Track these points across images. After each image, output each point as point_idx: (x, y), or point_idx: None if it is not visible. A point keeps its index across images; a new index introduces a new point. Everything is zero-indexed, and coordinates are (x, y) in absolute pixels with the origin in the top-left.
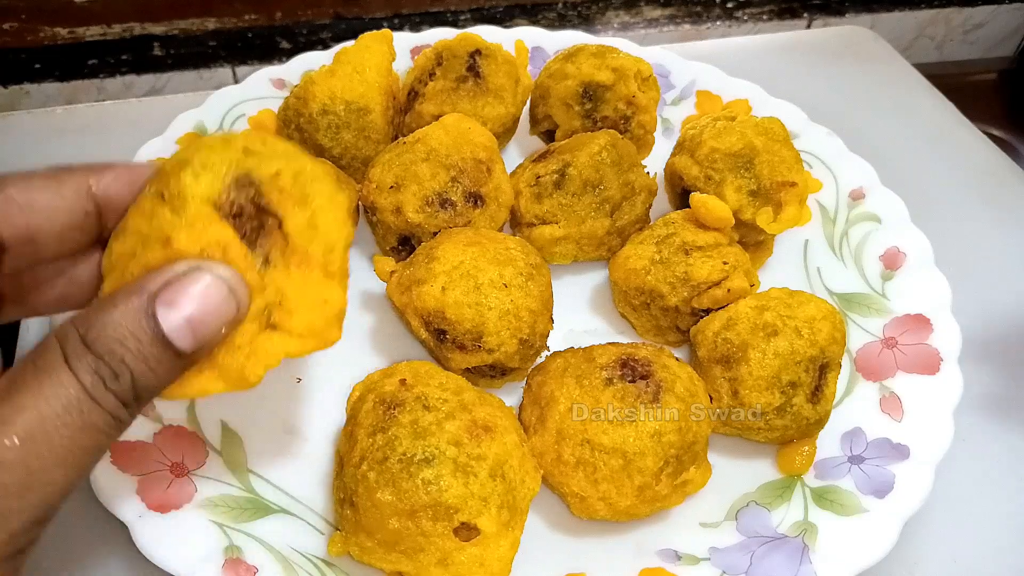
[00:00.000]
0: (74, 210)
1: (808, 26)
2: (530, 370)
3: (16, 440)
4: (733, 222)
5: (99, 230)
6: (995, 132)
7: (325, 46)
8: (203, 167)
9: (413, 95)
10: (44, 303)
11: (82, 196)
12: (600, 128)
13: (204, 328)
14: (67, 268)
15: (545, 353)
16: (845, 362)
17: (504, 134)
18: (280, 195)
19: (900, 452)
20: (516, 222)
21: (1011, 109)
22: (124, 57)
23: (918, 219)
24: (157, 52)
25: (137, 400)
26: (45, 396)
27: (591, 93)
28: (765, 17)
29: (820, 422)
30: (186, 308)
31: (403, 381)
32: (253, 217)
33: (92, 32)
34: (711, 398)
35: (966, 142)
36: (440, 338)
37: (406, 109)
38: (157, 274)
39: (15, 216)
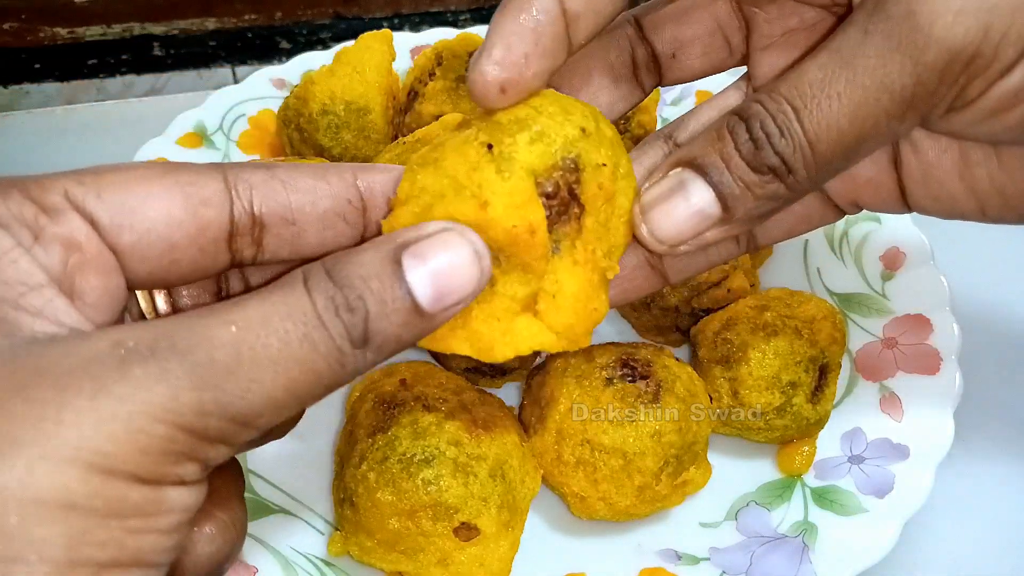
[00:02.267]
0: (337, 196)
1: None
2: (530, 370)
3: (233, 327)
4: None
5: (363, 226)
6: None
7: (325, 46)
8: (540, 136)
9: (413, 95)
10: None
11: (347, 184)
12: None
13: (447, 287)
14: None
15: (545, 353)
16: (845, 362)
17: None
18: (597, 190)
19: (900, 452)
20: None
21: None
22: (124, 57)
23: (918, 219)
24: (157, 52)
25: (365, 341)
26: (272, 301)
27: None
28: None
29: (820, 422)
30: (432, 264)
31: (403, 381)
32: (563, 203)
33: (92, 32)
34: (711, 398)
35: None
36: None
37: (406, 109)
38: (409, 229)
39: (278, 193)
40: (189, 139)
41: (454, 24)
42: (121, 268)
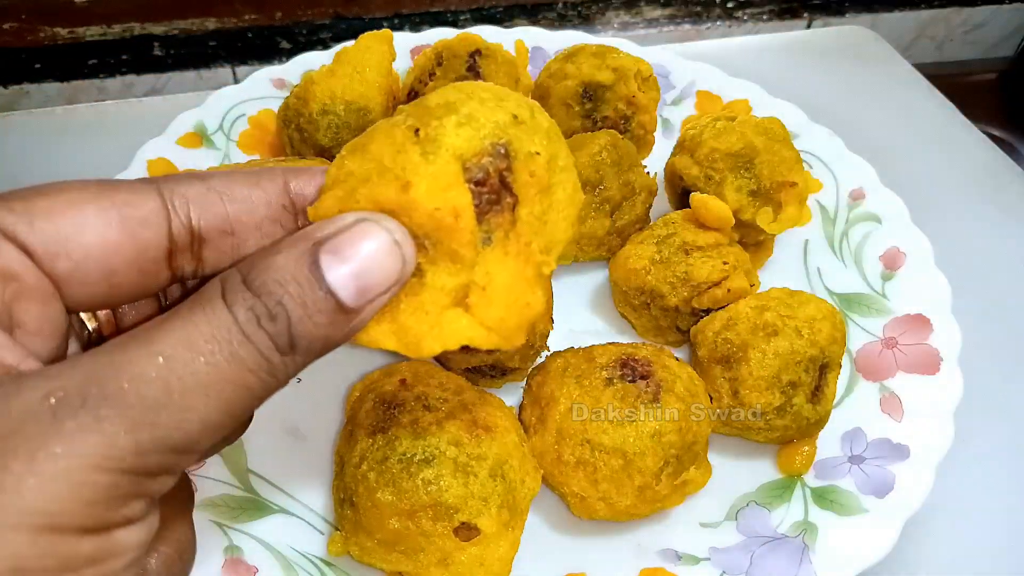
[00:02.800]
0: (272, 203)
1: (808, 26)
2: (530, 370)
3: (160, 358)
4: (733, 222)
5: (296, 230)
6: (995, 132)
7: (325, 46)
8: (468, 119)
9: (413, 95)
10: None
11: (280, 190)
12: (600, 128)
13: (368, 281)
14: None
15: (545, 353)
16: (845, 362)
17: None
18: (529, 178)
19: (900, 452)
20: None
21: (1011, 109)
22: (124, 57)
23: (918, 219)
24: (157, 52)
25: (292, 347)
26: (195, 322)
27: (591, 93)
28: (765, 17)
29: (820, 422)
30: (351, 258)
31: (403, 381)
32: (494, 190)
33: (92, 32)
34: (711, 398)
35: (966, 142)
36: None
37: None
38: (324, 223)
39: (215, 204)
40: (189, 139)
41: (454, 24)
42: (60, 295)
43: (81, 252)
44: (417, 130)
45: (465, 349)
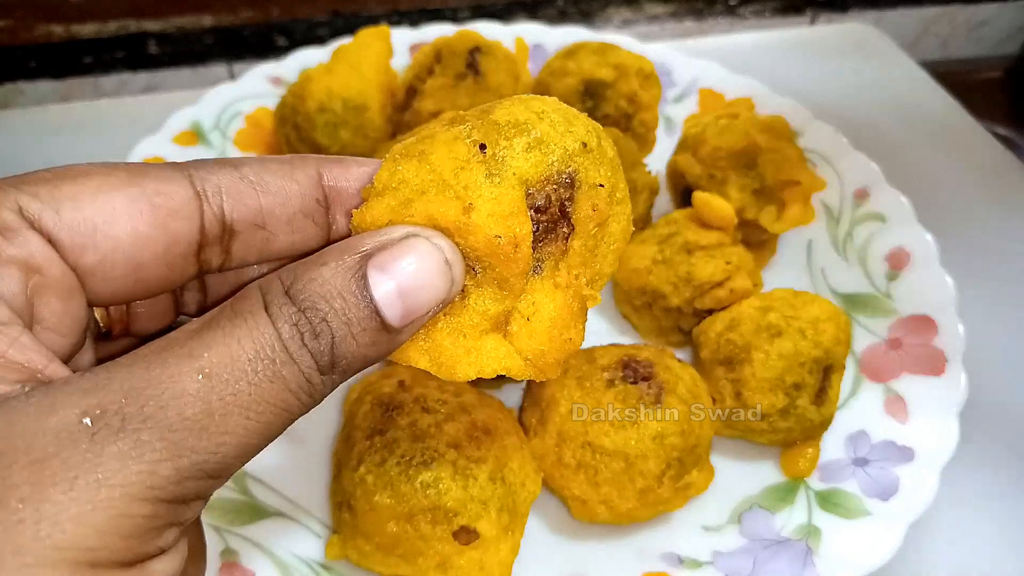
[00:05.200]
0: (306, 196)
1: (811, 23)
2: None
3: (200, 376)
4: (736, 221)
5: (328, 226)
6: (1000, 130)
7: (322, 43)
8: (538, 143)
9: (412, 92)
10: None
11: (314, 183)
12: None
13: (415, 301)
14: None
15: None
16: (849, 363)
17: None
18: (591, 212)
19: (905, 454)
20: None
21: (1016, 107)
22: (119, 55)
23: (923, 218)
24: (153, 49)
25: (332, 367)
26: (238, 337)
27: (592, 91)
28: (768, 14)
29: (824, 424)
30: (399, 276)
31: (402, 382)
32: (553, 220)
33: (87, 30)
34: (714, 400)
35: (971, 140)
36: None
37: (404, 106)
38: (372, 235)
39: (248, 196)
40: (185, 137)
41: (453, 20)
42: (83, 289)
43: (109, 244)
44: (483, 146)
45: (499, 378)
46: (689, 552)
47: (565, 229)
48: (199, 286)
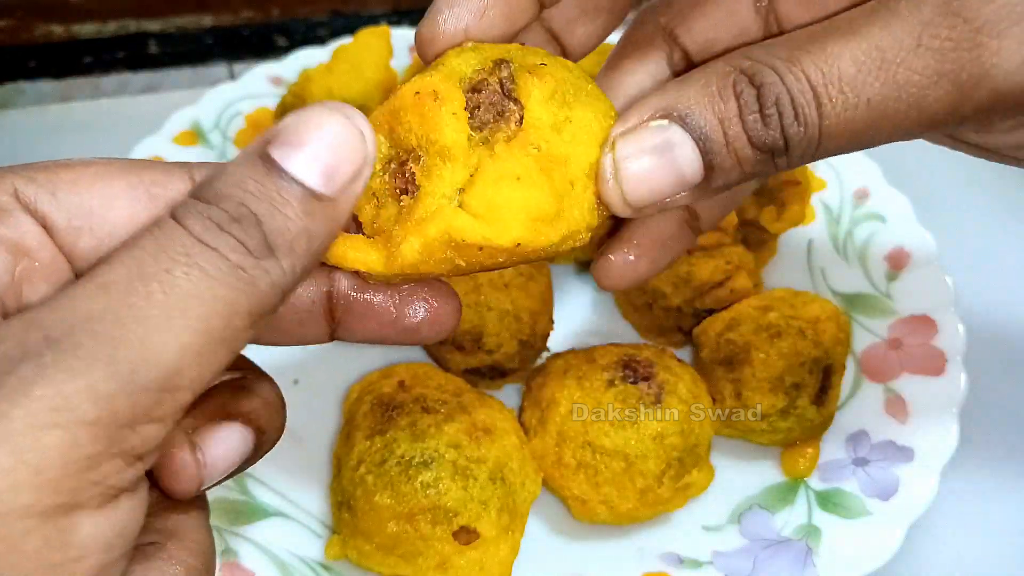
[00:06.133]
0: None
1: None
2: (530, 371)
3: (100, 291)
4: (736, 221)
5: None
6: None
7: (322, 43)
8: (475, 49)
9: None
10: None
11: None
12: None
13: (333, 161)
14: None
15: (545, 354)
16: (849, 363)
17: None
18: (536, 81)
19: (905, 454)
20: None
21: None
22: (119, 54)
23: (923, 218)
24: (153, 49)
25: (270, 248)
26: (141, 246)
27: None
28: None
29: (824, 424)
30: (305, 143)
31: (401, 383)
32: (493, 98)
33: (87, 29)
34: (714, 400)
35: None
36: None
37: None
38: (269, 129)
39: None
40: (185, 137)
41: None
42: (75, 276)
43: (106, 229)
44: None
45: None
46: (689, 552)
47: (514, 107)
48: None
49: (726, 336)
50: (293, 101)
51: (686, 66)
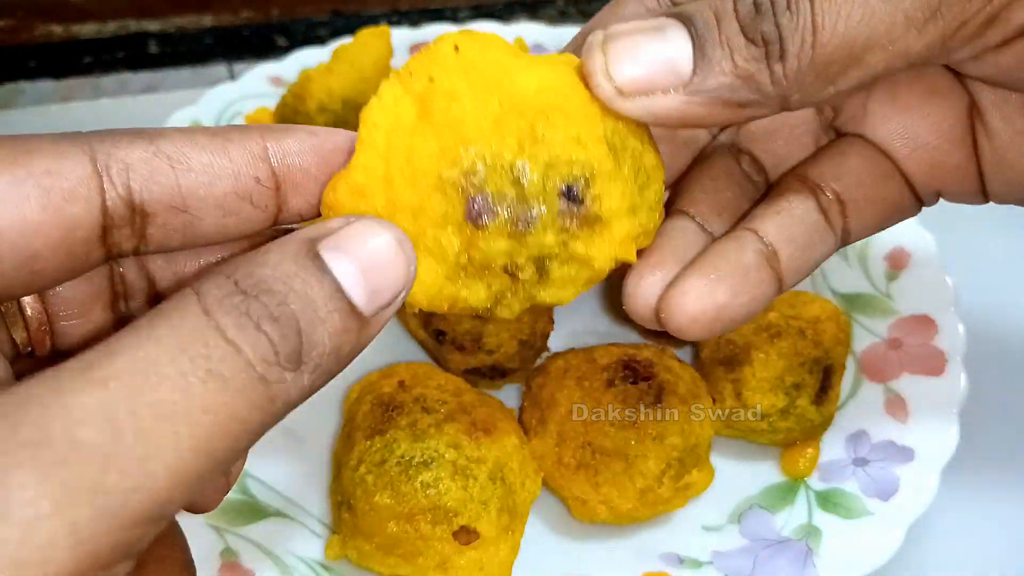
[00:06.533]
0: (241, 175)
1: None
2: (530, 371)
3: (99, 390)
4: None
5: (277, 208)
6: None
7: (322, 43)
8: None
9: None
10: None
11: (253, 159)
12: None
13: (379, 281)
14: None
15: (545, 354)
16: (849, 363)
17: None
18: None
19: (905, 454)
20: None
21: None
22: (119, 55)
23: (923, 218)
24: (153, 49)
25: (300, 360)
26: (156, 337)
27: None
28: None
29: (824, 424)
30: (356, 254)
31: (401, 382)
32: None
33: (87, 29)
34: (714, 400)
35: None
36: (439, 338)
37: None
38: (317, 223)
39: (161, 175)
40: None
41: (454, 20)
42: None
43: None
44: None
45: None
46: (689, 552)
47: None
48: (139, 265)
49: (726, 336)
50: (293, 101)
51: None
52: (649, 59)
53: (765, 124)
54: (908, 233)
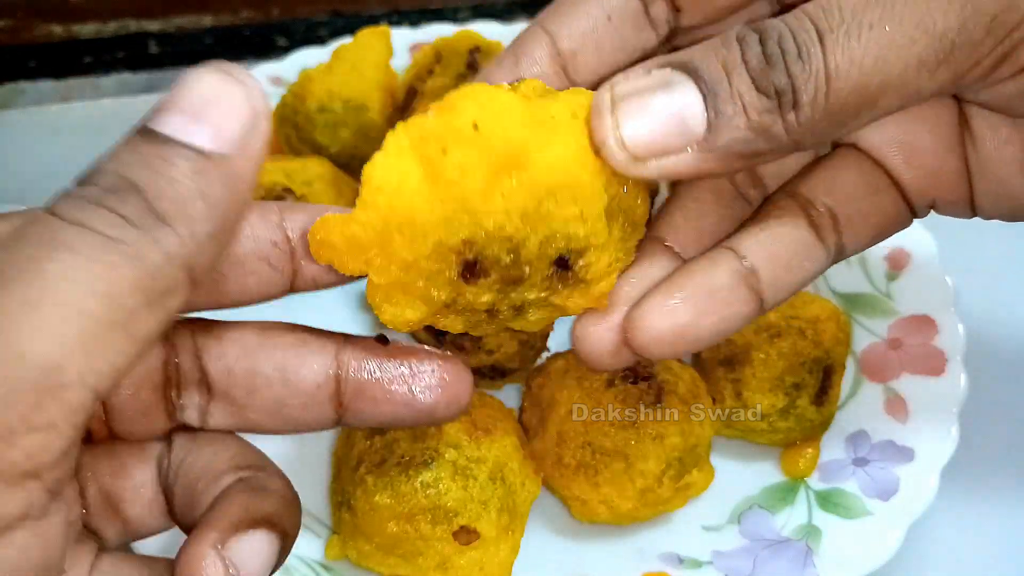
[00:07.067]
0: (260, 238)
1: None
2: (530, 371)
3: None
4: None
5: (292, 272)
6: None
7: (322, 43)
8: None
9: (412, 93)
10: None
11: (270, 224)
12: None
13: (216, 116)
14: (280, 360)
15: (546, 354)
16: (849, 363)
17: None
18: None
19: (905, 454)
20: None
21: None
22: (119, 55)
23: (924, 219)
24: (153, 49)
25: (161, 217)
26: (4, 246)
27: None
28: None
29: (824, 424)
30: (179, 107)
31: None
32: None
33: (87, 29)
34: (714, 400)
35: None
36: (439, 339)
37: (404, 107)
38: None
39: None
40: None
41: (453, 20)
42: None
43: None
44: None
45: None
46: (689, 552)
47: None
48: (204, 390)
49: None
50: (293, 101)
51: None
52: (661, 121)
53: None
54: (908, 233)
